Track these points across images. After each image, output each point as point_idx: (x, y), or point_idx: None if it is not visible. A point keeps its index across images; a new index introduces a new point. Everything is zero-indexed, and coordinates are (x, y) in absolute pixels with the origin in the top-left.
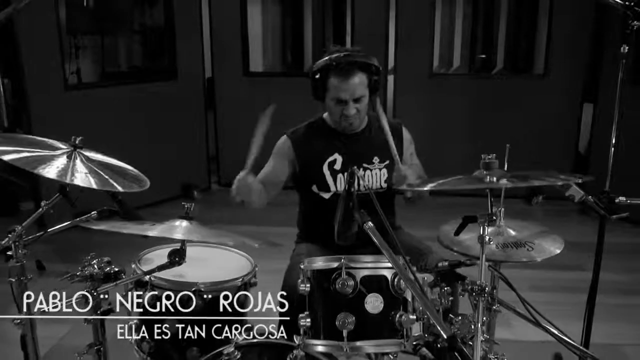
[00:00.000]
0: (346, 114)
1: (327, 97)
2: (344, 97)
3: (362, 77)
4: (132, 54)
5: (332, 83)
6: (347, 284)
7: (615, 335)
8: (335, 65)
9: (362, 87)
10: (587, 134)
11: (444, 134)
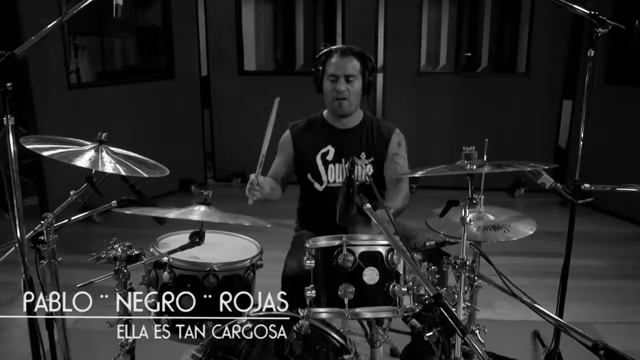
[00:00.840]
0: (337, 89)
1: (324, 79)
2: (338, 73)
3: (356, 62)
4: (130, 54)
5: (330, 62)
6: (347, 259)
7: (587, 315)
8: (334, 49)
9: (355, 69)
10: (566, 129)
11: (431, 130)
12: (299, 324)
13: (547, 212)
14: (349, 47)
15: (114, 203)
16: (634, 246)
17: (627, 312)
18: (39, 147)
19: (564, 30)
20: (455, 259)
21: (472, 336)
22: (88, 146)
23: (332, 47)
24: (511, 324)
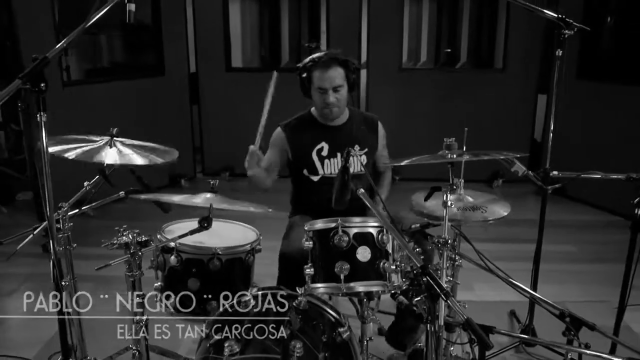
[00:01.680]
0: (327, 102)
1: (312, 89)
2: (325, 86)
3: (340, 71)
4: (120, 52)
5: (315, 75)
6: (342, 239)
7: (559, 295)
8: (317, 60)
9: (340, 78)
10: (541, 122)
11: (412, 123)
12: (298, 300)
13: (523, 202)
14: (331, 56)
15: (122, 193)
16: (604, 232)
17: (596, 292)
18: (60, 149)
19: (539, 28)
20: (438, 238)
21: (453, 299)
22: (101, 142)
23: (315, 57)
24: (490, 304)
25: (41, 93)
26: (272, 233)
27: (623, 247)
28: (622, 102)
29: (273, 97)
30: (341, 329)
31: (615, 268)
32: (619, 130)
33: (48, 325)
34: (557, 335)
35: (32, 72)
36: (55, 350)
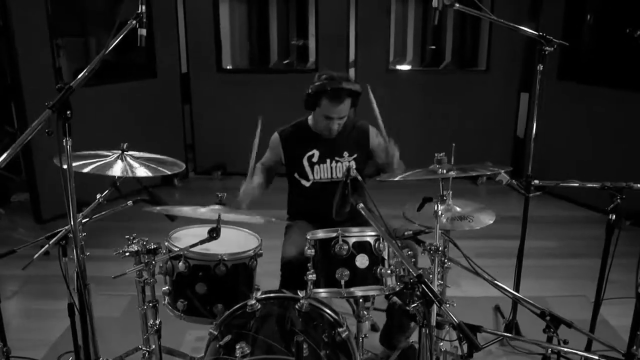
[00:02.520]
0: (331, 128)
1: (318, 112)
2: (333, 116)
3: (348, 101)
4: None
5: (324, 104)
6: (342, 248)
7: (540, 289)
8: (330, 90)
9: (347, 108)
10: (523, 119)
11: (399, 123)
12: (300, 303)
13: (506, 199)
14: (342, 87)
15: (130, 203)
16: (583, 228)
17: (575, 286)
18: (77, 164)
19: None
20: (430, 245)
21: (445, 306)
22: (113, 156)
23: (326, 85)
24: (475, 299)
25: (67, 120)
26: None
27: (600, 243)
28: (602, 103)
29: (260, 140)
30: (340, 329)
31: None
32: (598, 129)
33: (52, 327)
34: (538, 329)
35: (60, 101)
36: (62, 351)
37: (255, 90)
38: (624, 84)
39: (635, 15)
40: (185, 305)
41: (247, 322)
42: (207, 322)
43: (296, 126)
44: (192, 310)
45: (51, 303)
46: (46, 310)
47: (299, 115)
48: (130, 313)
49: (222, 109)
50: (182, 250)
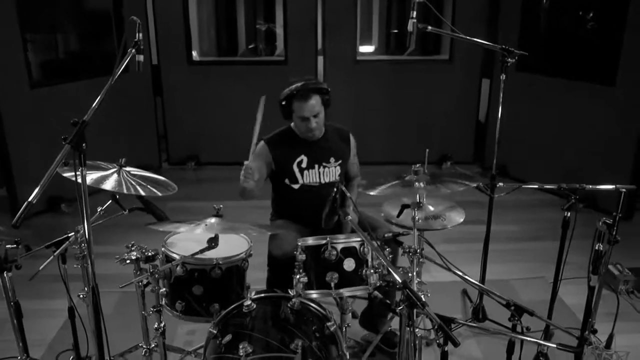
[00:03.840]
0: (310, 127)
1: (294, 116)
2: (306, 115)
3: (317, 98)
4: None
5: (296, 106)
6: (332, 254)
7: (505, 273)
8: (296, 92)
9: (318, 105)
10: (485, 104)
11: (367, 111)
12: (292, 301)
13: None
14: (307, 86)
15: (126, 212)
16: (542, 211)
17: (536, 268)
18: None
19: (483, 16)
20: (409, 248)
21: (428, 309)
22: (111, 170)
23: (293, 89)
24: (444, 284)
25: (82, 151)
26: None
27: (557, 225)
28: (557, 94)
29: (263, 117)
30: (329, 323)
31: (550, 245)
32: (553, 119)
33: (47, 326)
34: (503, 311)
35: (76, 136)
36: (59, 350)
37: (225, 82)
38: (576, 74)
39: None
40: (183, 306)
41: (244, 321)
42: (205, 321)
43: (282, 133)
44: (190, 311)
45: (43, 303)
46: (39, 310)
47: (268, 105)
48: (121, 309)
49: (194, 101)
50: (184, 258)
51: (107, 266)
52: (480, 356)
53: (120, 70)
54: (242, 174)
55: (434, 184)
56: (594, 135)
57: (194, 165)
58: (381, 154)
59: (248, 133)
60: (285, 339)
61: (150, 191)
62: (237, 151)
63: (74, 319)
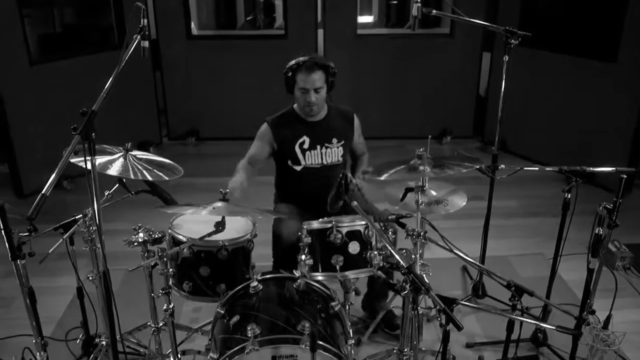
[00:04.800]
0: (308, 101)
1: (296, 89)
2: (308, 87)
3: (321, 74)
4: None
5: (299, 77)
6: (337, 237)
7: (504, 249)
8: (301, 64)
9: (321, 81)
10: (485, 78)
11: (367, 85)
12: (297, 282)
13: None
14: (314, 60)
15: (132, 194)
16: (541, 187)
17: (534, 244)
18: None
19: None
20: (412, 231)
21: (432, 293)
22: (117, 155)
23: (300, 60)
24: (445, 260)
25: (91, 141)
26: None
27: (555, 201)
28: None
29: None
30: (333, 303)
31: (548, 221)
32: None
33: (55, 303)
34: (502, 288)
35: (86, 127)
36: (69, 327)
37: (225, 56)
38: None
39: None
40: (190, 286)
41: (251, 302)
42: (212, 301)
43: (284, 115)
44: (197, 291)
45: (51, 280)
46: (47, 287)
47: (267, 80)
48: (126, 287)
49: (193, 75)
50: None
51: (113, 244)
52: (480, 332)
53: (127, 57)
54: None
55: (438, 168)
56: (595, 112)
57: (194, 140)
58: (381, 128)
59: (247, 107)
60: (291, 319)
61: (157, 175)
62: (237, 126)
63: (82, 298)
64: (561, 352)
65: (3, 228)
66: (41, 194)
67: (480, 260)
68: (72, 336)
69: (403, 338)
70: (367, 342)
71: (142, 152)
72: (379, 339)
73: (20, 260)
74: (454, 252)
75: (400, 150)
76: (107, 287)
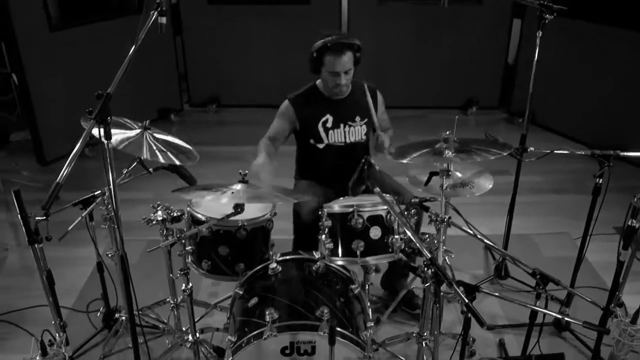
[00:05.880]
0: (339, 83)
1: (323, 70)
2: (338, 70)
3: (350, 55)
4: None
5: (328, 60)
6: (358, 221)
7: (527, 227)
8: (330, 46)
9: (350, 62)
10: (515, 45)
11: (392, 54)
12: (317, 265)
13: (494, 129)
14: (341, 41)
15: (151, 172)
16: (567, 161)
17: (559, 223)
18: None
19: None
20: (436, 216)
21: (455, 286)
22: (135, 132)
23: (327, 42)
24: (467, 238)
25: (107, 125)
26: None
27: (583, 177)
28: (593, 40)
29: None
30: (353, 286)
31: (574, 199)
32: (587, 66)
33: (76, 274)
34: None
35: (101, 110)
36: (90, 299)
37: (247, 22)
38: (614, 20)
39: None
40: (209, 265)
41: (270, 284)
42: (230, 280)
43: (306, 91)
44: (216, 270)
45: (71, 250)
46: (67, 257)
47: (289, 46)
48: (146, 258)
49: (215, 41)
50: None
51: (133, 213)
52: (501, 314)
53: (143, 35)
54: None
55: (464, 153)
56: (629, 86)
57: (215, 107)
58: (404, 97)
59: (269, 74)
60: (310, 304)
61: (171, 160)
62: (258, 93)
63: (102, 273)
64: (585, 338)
65: (19, 212)
66: (55, 182)
67: (504, 240)
68: (93, 308)
69: (423, 320)
70: (387, 322)
71: (160, 131)
72: (398, 319)
73: (37, 245)
74: (477, 237)
75: (423, 120)
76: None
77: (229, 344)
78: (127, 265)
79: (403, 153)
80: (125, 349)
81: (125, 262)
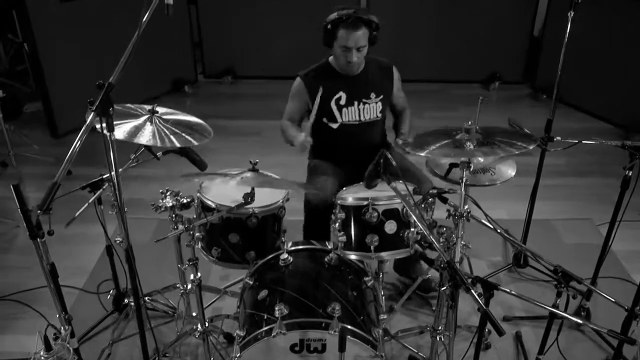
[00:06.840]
0: (349, 60)
1: (336, 45)
2: (350, 45)
3: (365, 31)
4: None
5: (341, 34)
6: (372, 215)
7: (547, 212)
8: (344, 19)
9: (364, 38)
10: (542, 17)
11: (411, 25)
12: (330, 257)
13: (518, 106)
14: (357, 15)
15: (159, 154)
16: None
17: (582, 208)
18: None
19: None
20: (455, 209)
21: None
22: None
23: (342, 14)
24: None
25: (109, 117)
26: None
27: (608, 160)
28: (625, 16)
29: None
30: (366, 278)
31: (597, 182)
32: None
33: (87, 253)
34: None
35: (103, 101)
36: (100, 280)
37: None
38: None
39: None
40: (219, 252)
41: (280, 276)
42: (241, 267)
43: (318, 69)
44: (226, 257)
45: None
46: (78, 235)
47: (306, 16)
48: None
49: (229, 11)
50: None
51: (145, 190)
52: (518, 305)
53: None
54: (299, 143)
55: (486, 146)
56: None
57: (230, 79)
58: (425, 71)
59: (285, 45)
60: (322, 299)
61: (186, 140)
62: (274, 65)
63: (112, 256)
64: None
65: (19, 207)
66: (52, 182)
67: (524, 229)
68: (103, 289)
69: (438, 313)
70: (400, 309)
71: (168, 111)
72: (412, 307)
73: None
74: (497, 231)
75: (443, 95)
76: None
77: (238, 338)
78: (133, 258)
79: (422, 144)
80: (135, 334)
81: (131, 254)
